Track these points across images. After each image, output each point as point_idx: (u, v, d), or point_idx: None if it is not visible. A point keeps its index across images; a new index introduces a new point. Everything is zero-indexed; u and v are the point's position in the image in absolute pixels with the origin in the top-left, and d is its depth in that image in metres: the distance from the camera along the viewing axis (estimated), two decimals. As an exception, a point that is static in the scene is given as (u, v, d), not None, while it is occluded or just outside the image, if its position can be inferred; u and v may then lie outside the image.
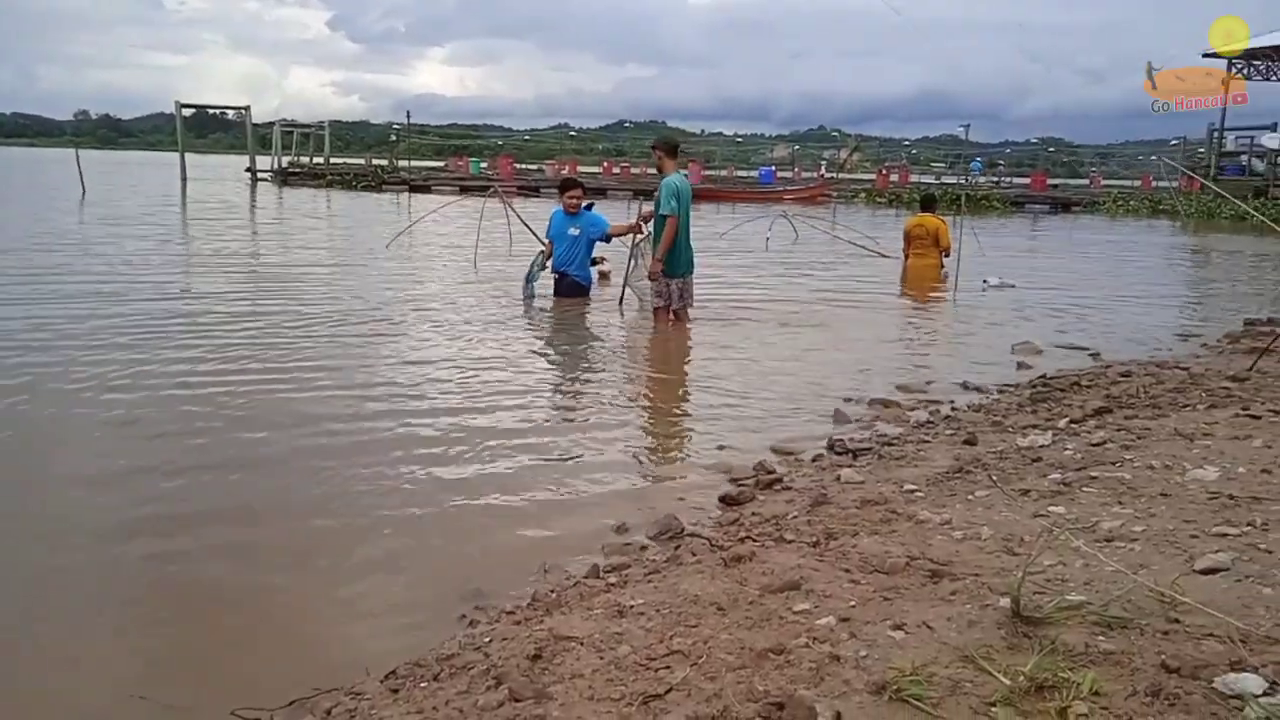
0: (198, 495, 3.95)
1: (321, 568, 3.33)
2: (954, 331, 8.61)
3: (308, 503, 3.90)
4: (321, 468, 4.27)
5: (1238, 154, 35.25)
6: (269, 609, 3.06)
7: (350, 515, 3.76)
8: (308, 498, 3.95)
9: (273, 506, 3.87)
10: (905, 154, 57.66)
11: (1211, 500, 2.88)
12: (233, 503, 3.88)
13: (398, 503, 3.88)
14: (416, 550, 3.46)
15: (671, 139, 8.55)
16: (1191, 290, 13.27)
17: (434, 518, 3.75)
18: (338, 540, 3.54)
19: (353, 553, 3.42)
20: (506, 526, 3.68)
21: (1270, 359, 6.28)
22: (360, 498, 3.94)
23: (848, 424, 5.13)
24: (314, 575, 3.28)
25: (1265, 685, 1.68)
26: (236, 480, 4.13)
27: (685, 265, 8.01)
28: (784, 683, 1.91)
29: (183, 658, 2.78)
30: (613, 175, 43.49)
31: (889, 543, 2.79)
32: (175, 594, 3.16)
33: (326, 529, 3.65)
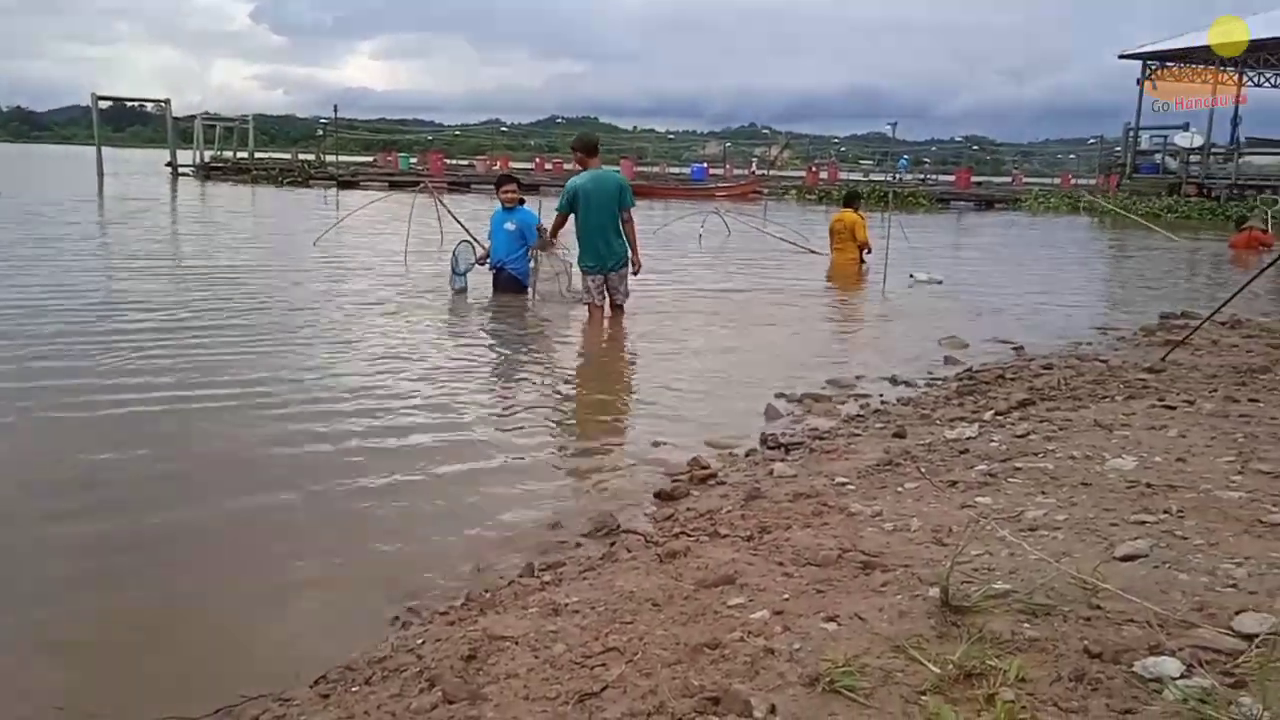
0: (119, 501, 3.82)
1: (250, 572, 3.26)
2: (883, 326, 8.75)
3: (235, 507, 3.80)
4: (247, 471, 4.17)
5: (1152, 153, 36.43)
6: (196, 615, 2.97)
7: (279, 518, 3.69)
8: (235, 502, 3.85)
9: (198, 511, 3.76)
10: (835, 152, 58.47)
11: (1130, 489, 2.96)
12: (157, 509, 3.76)
13: (327, 505, 3.81)
14: (347, 553, 3.40)
15: (587, 138, 8.69)
16: (1109, 285, 13.69)
17: (365, 519, 3.69)
18: (267, 544, 3.47)
19: (282, 556, 3.35)
20: (439, 526, 3.63)
21: (1184, 351, 6.50)
22: (289, 501, 3.86)
23: (780, 419, 5.17)
24: (243, 580, 3.20)
25: (1182, 668, 1.74)
26: (161, 486, 4.01)
27: (600, 261, 7.99)
28: (719, 677, 1.92)
29: (104, 666, 2.70)
30: (545, 171, 43.29)
31: (821, 535, 2.82)
32: (97, 601, 3.05)
33: (255, 533, 3.57)
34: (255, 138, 44.53)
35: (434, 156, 44.72)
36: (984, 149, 66.14)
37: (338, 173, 37.81)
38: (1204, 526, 2.56)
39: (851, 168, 53.19)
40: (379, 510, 3.77)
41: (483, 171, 40.55)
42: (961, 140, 64.58)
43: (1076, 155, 54.73)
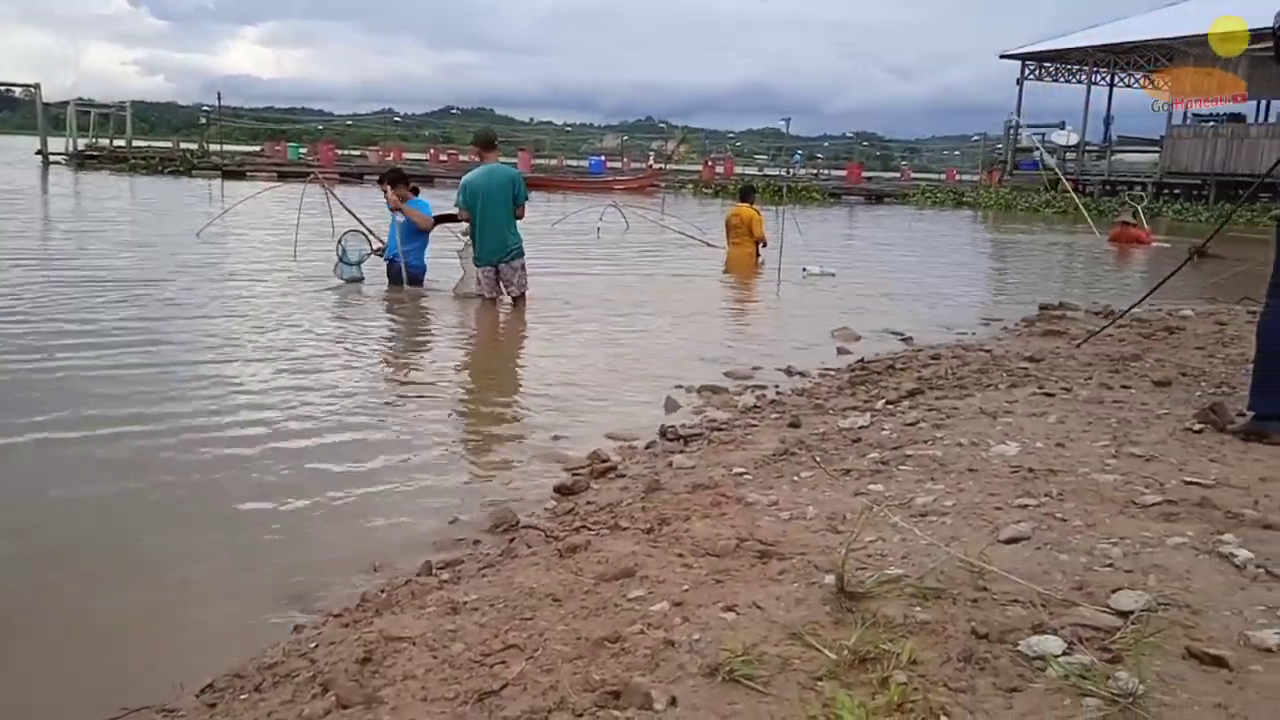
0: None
1: (132, 579, 3.12)
2: (777, 318, 8.90)
3: (118, 511, 3.64)
4: (130, 474, 3.99)
5: (1031, 150, 37.96)
6: (75, 626, 2.82)
7: (163, 522, 3.54)
8: (118, 506, 3.69)
9: (79, 516, 3.59)
10: (730, 146, 59.09)
11: (1013, 474, 3.08)
12: (34, 514, 3.57)
13: (214, 507, 3.68)
14: (236, 556, 3.29)
15: (484, 133, 8.90)
16: (992, 277, 14.22)
17: (255, 522, 3.57)
18: (150, 549, 3.32)
19: (166, 562, 3.22)
20: (333, 526, 3.54)
21: (1060, 340, 6.79)
22: (174, 503, 3.71)
23: (679, 410, 5.21)
24: (126, 588, 3.06)
25: (1064, 645, 1.81)
26: (39, 491, 3.80)
27: (492, 253, 8.08)
28: (620, 671, 1.91)
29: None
30: (440, 163, 42.63)
31: (720, 526, 2.85)
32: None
33: (138, 540, 3.42)
34: (134, 125, 42.62)
35: (324, 147, 43.61)
36: (874, 145, 67.80)
37: (223, 163, 36.48)
38: (1082, 508, 2.68)
39: (747, 162, 53.86)
40: (269, 512, 3.64)
41: (375, 162, 39.71)
42: (852, 136, 66.00)
43: (961, 152, 56.60)
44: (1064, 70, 39.83)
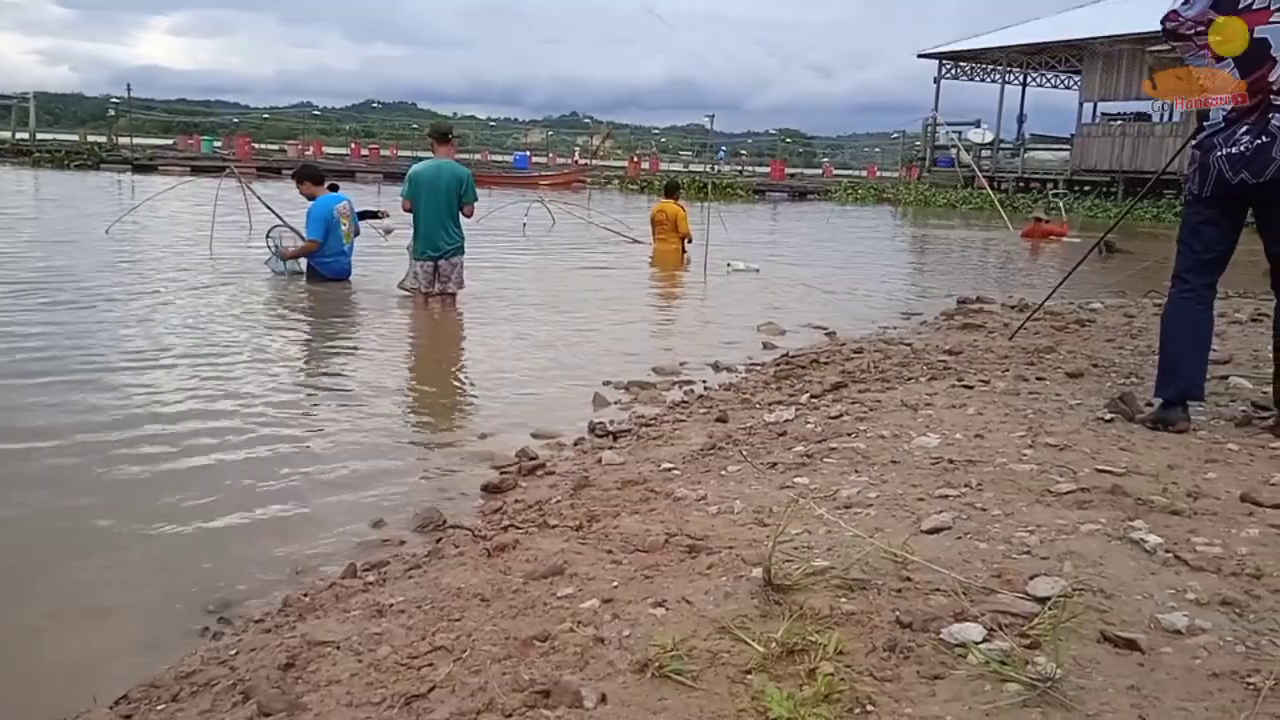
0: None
1: (43, 592, 2.99)
2: (704, 314, 8.95)
3: (27, 519, 3.49)
4: (41, 481, 3.83)
5: (949, 147, 38.87)
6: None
7: (76, 533, 3.40)
8: (27, 513, 3.54)
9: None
10: (655, 142, 59.30)
11: (934, 465, 3.14)
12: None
13: (130, 517, 3.54)
14: (153, 565, 3.18)
15: (437, 126, 8.99)
16: (912, 272, 14.50)
17: (172, 524, 3.45)
18: (62, 557, 3.19)
19: (79, 570, 3.10)
20: (254, 530, 3.45)
21: (979, 333, 6.96)
22: (88, 509, 3.57)
23: (607, 406, 5.21)
24: (33, 600, 2.93)
25: (984, 632, 1.85)
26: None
27: (432, 248, 8.04)
28: (549, 669, 1.90)
29: None
30: (361, 157, 41.97)
31: (649, 521, 2.85)
32: None
33: (48, 548, 3.28)
34: (37, 117, 41.01)
35: (240, 140, 42.60)
36: (797, 142, 68.66)
37: (133, 156, 35.36)
38: (1000, 498, 2.75)
39: (672, 158, 54.12)
40: (188, 519, 3.53)
41: (294, 156, 38.89)
42: (776, 133, 66.79)
43: (881, 149, 57.65)
44: (979, 69, 40.86)
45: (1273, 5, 3.49)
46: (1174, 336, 3.78)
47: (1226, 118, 3.60)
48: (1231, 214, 3.70)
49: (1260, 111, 3.51)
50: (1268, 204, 3.62)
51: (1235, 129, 3.55)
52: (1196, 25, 3.61)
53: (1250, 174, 3.51)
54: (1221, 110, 3.62)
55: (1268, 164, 3.48)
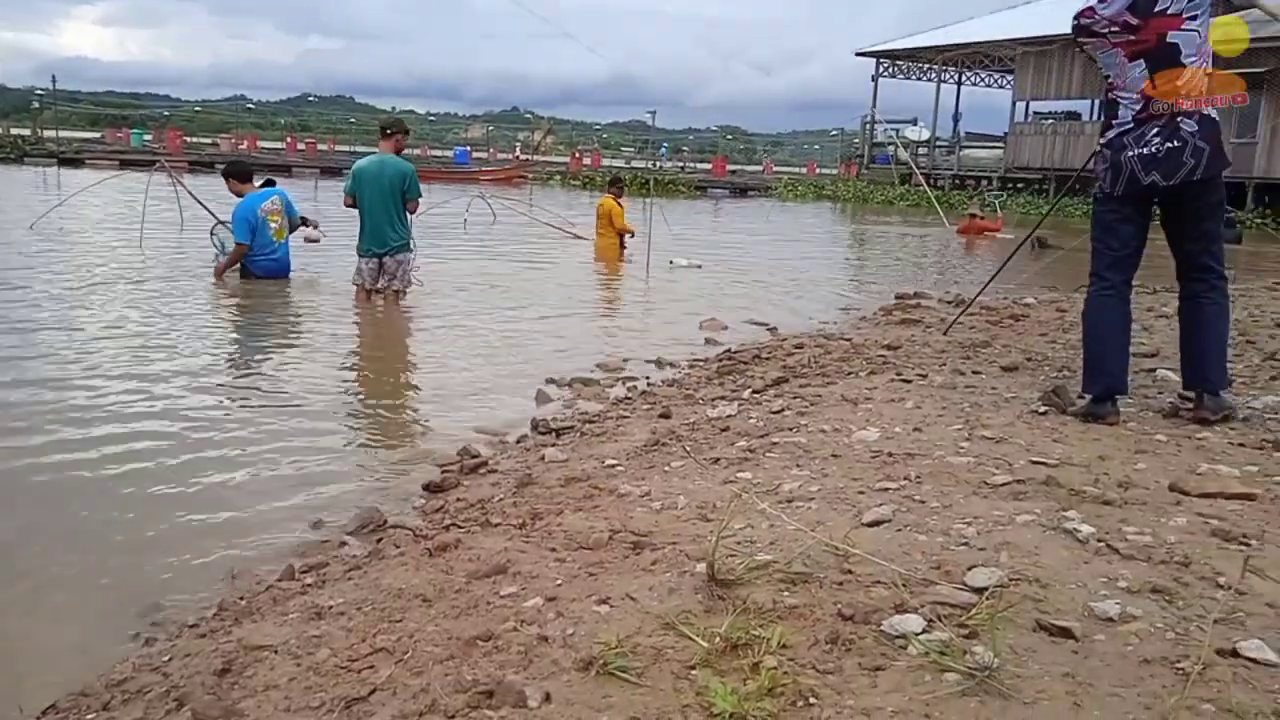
0: None
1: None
2: (646, 310, 8.96)
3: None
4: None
5: (887, 145, 39.42)
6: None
7: (1, 536, 3.30)
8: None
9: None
10: (597, 138, 59.21)
11: (874, 458, 3.18)
12: None
13: (60, 518, 3.44)
14: (83, 568, 3.08)
15: (383, 120, 8.85)
16: (851, 267, 14.69)
17: (103, 529, 3.36)
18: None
19: (4, 578, 2.99)
20: (188, 534, 3.36)
21: (916, 328, 7.07)
22: (15, 515, 3.45)
23: (550, 403, 5.18)
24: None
25: (924, 624, 1.88)
26: None
27: (375, 245, 7.93)
28: (493, 669, 1.89)
29: None
30: (298, 152, 41.23)
31: (593, 518, 2.85)
32: None
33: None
34: (-45, 108, 39.63)
35: (171, 134, 41.60)
36: (738, 138, 69.03)
37: (59, 150, 34.34)
38: (939, 490, 2.79)
39: (614, 154, 54.08)
40: (118, 521, 3.44)
41: (227, 150, 38.10)
42: (717, 130, 67.12)
43: (821, 146, 58.27)
44: (915, 68, 41.48)
45: (1185, 13, 3.60)
46: (1097, 334, 3.89)
47: (1136, 118, 3.71)
48: (1142, 212, 3.84)
49: (1170, 115, 3.63)
50: (1177, 205, 3.76)
51: (1145, 130, 3.67)
52: (1111, 25, 3.70)
53: (1161, 176, 3.63)
54: (1131, 110, 3.72)
55: (1179, 168, 3.61)
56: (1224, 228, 4.05)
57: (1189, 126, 3.60)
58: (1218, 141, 3.64)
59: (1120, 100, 3.77)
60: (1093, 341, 3.90)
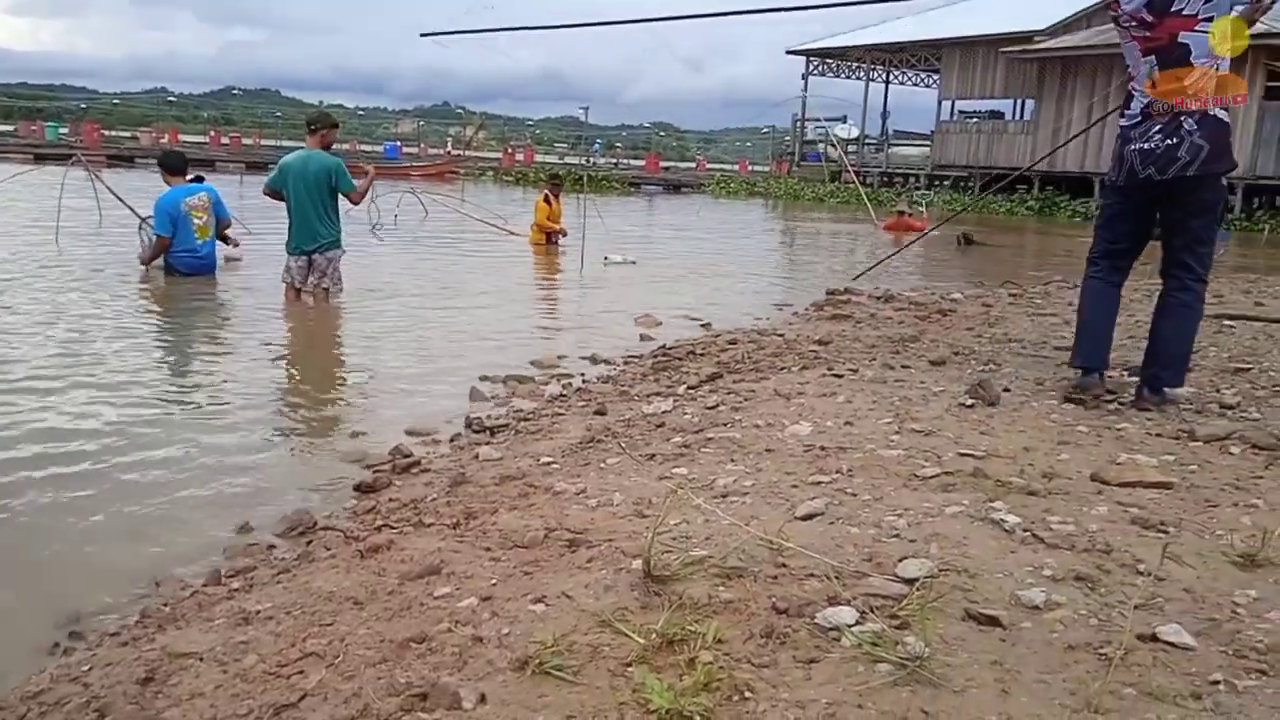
0: None
1: None
2: (581, 306, 8.94)
3: None
4: None
5: (817, 142, 39.90)
6: None
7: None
8: None
9: None
10: (530, 134, 58.91)
11: (807, 452, 3.22)
12: None
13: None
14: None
15: (309, 115, 8.72)
16: (783, 264, 14.83)
17: (17, 536, 3.24)
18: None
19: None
20: (109, 539, 3.26)
21: (847, 323, 7.16)
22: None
23: (485, 401, 5.14)
24: None
25: (857, 615, 1.90)
26: None
27: (303, 242, 7.77)
28: (427, 671, 1.86)
29: None
30: (222, 146, 40.27)
31: (528, 516, 2.83)
32: None
33: None
34: None
35: (89, 126, 40.25)
36: (671, 135, 69.26)
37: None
38: (870, 483, 2.83)
39: (547, 150, 53.87)
40: (35, 528, 3.32)
41: (148, 144, 37.03)
42: (650, 126, 67.27)
43: (752, 143, 58.71)
44: (845, 67, 42.03)
45: (1200, 14, 3.72)
46: (1086, 314, 4.09)
47: (1144, 111, 3.83)
48: (1143, 209, 3.98)
49: (1172, 114, 3.75)
50: (1170, 200, 3.89)
51: (1149, 125, 3.81)
52: (1131, 19, 3.81)
53: (1156, 170, 3.78)
54: (1140, 103, 3.84)
55: (1172, 163, 3.75)
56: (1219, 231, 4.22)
57: (1189, 124, 3.73)
58: (1221, 142, 3.74)
59: (1134, 93, 3.90)
60: (1082, 320, 4.12)
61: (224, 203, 9.03)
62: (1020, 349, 5.53)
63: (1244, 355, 5.20)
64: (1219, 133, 3.74)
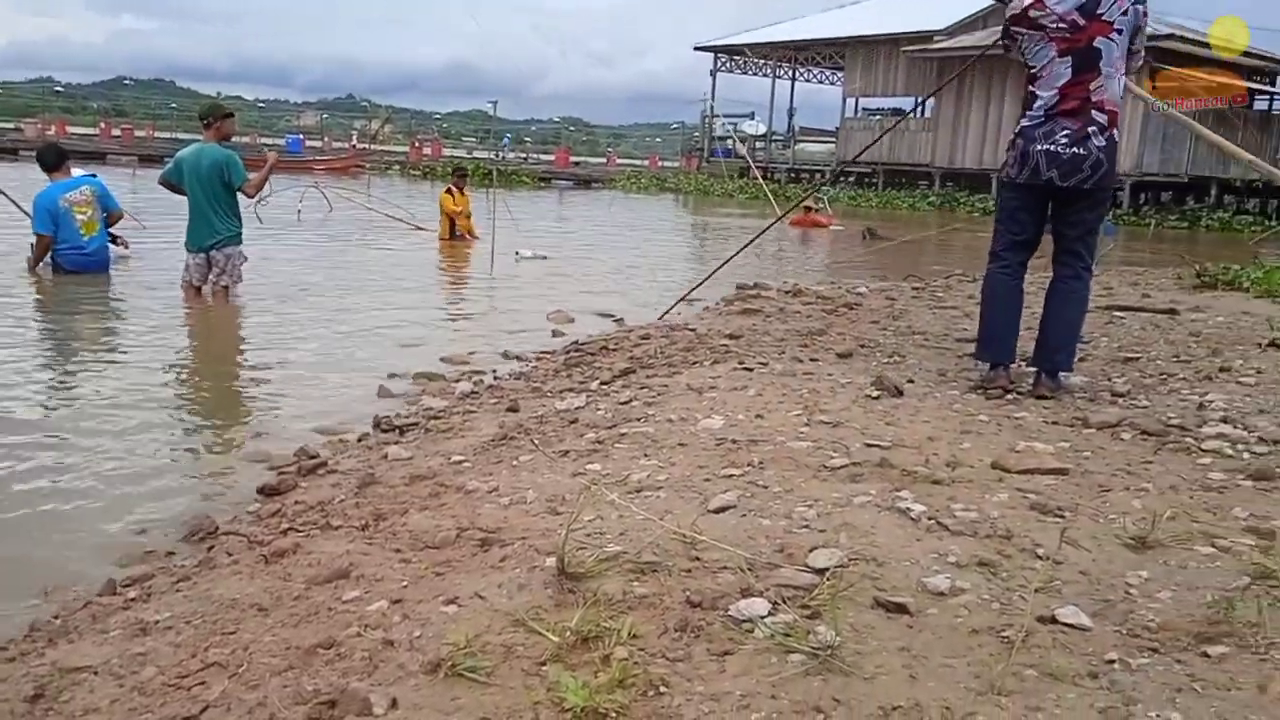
0: None
1: None
2: (492, 302, 8.86)
3: None
4: None
5: (725, 138, 40.30)
6: None
7: None
8: None
9: None
10: (437, 127, 58.09)
11: (719, 446, 3.24)
12: None
13: None
14: None
15: (202, 109, 8.25)
16: (693, 258, 14.93)
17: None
18: None
19: None
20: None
21: (757, 317, 7.25)
22: None
23: (393, 400, 5.05)
24: None
25: (769, 607, 1.92)
26: None
27: (200, 239, 7.52)
28: (335, 678, 1.82)
29: None
30: (113, 138, 38.70)
31: (439, 516, 2.79)
32: None
33: None
34: None
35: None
36: (580, 130, 69.14)
37: None
38: (781, 475, 2.86)
39: (455, 144, 53.16)
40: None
41: (33, 136, 35.32)
42: (559, 121, 66.96)
43: (662, 139, 59.02)
44: (752, 64, 42.55)
45: (1115, 24, 3.86)
46: (993, 308, 4.20)
47: (1048, 113, 3.95)
48: (1041, 202, 4.12)
49: (1082, 119, 3.89)
50: (1067, 204, 4.06)
51: (1054, 126, 3.94)
52: (1061, 21, 3.91)
53: (1059, 174, 3.93)
54: (1044, 105, 3.96)
55: (1075, 173, 3.91)
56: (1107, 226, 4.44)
57: (1098, 141, 3.90)
58: (1114, 160, 3.97)
59: (1037, 95, 4.00)
60: (989, 314, 4.23)
61: (112, 194, 8.66)
62: (923, 341, 5.68)
63: (1133, 345, 5.43)
64: (1115, 151, 3.97)
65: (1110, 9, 3.87)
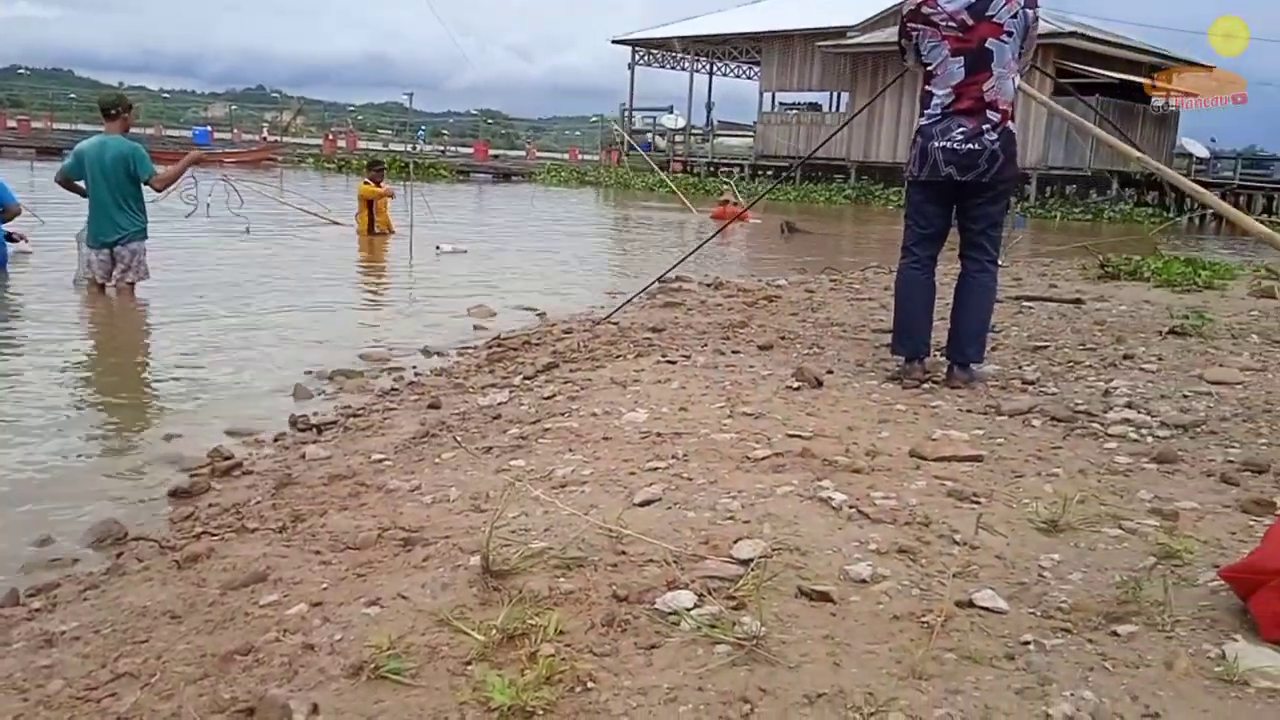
0: None
1: None
2: (412, 297, 8.73)
3: None
4: None
5: (645, 132, 40.35)
6: None
7: None
8: None
9: None
10: (352, 119, 56.99)
11: (644, 439, 3.25)
12: None
13: None
14: None
15: (104, 100, 7.82)
16: (615, 252, 14.93)
17: None
18: None
19: None
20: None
21: (679, 310, 7.28)
22: None
23: (310, 398, 4.94)
24: None
25: (695, 599, 1.93)
26: None
27: (102, 234, 7.25)
28: (253, 684, 1.77)
29: None
30: (9, 130, 37.09)
31: (360, 516, 2.74)
32: None
33: None
34: None
35: None
36: (499, 123, 68.47)
37: None
38: (705, 467, 2.88)
39: (371, 137, 52.23)
40: None
41: (-79, 127, 33.68)
42: (477, 114, 66.25)
43: (582, 132, 58.85)
44: (670, 57, 42.64)
45: (1005, 26, 3.95)
46: (906, 303, 4.29)
47: (944, 111, 4.04)
48: (946, 197, 4.21)
49: (977, 117, 3.98)
50: (969, 198, 4.16)
51: (950, 124, 4.03)
52: (951, 20, 3.98)
53: (957, 170, 4.03)
54: (940, 103, 4.04)
55: (972, 168, 4.01)
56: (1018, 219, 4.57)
57: (991, 136, 3.99)
58: (1012, 152, 4.06)
59: (933, 93, 4.08)
60: (902, 309, 4.31)
61: (7, 187, 8.29)
62: (841, 332, 5.77)
63: (1041, 334, 5.60)
64: (1011, 143, 4.07)
65: (1000, 11, 3.98)
